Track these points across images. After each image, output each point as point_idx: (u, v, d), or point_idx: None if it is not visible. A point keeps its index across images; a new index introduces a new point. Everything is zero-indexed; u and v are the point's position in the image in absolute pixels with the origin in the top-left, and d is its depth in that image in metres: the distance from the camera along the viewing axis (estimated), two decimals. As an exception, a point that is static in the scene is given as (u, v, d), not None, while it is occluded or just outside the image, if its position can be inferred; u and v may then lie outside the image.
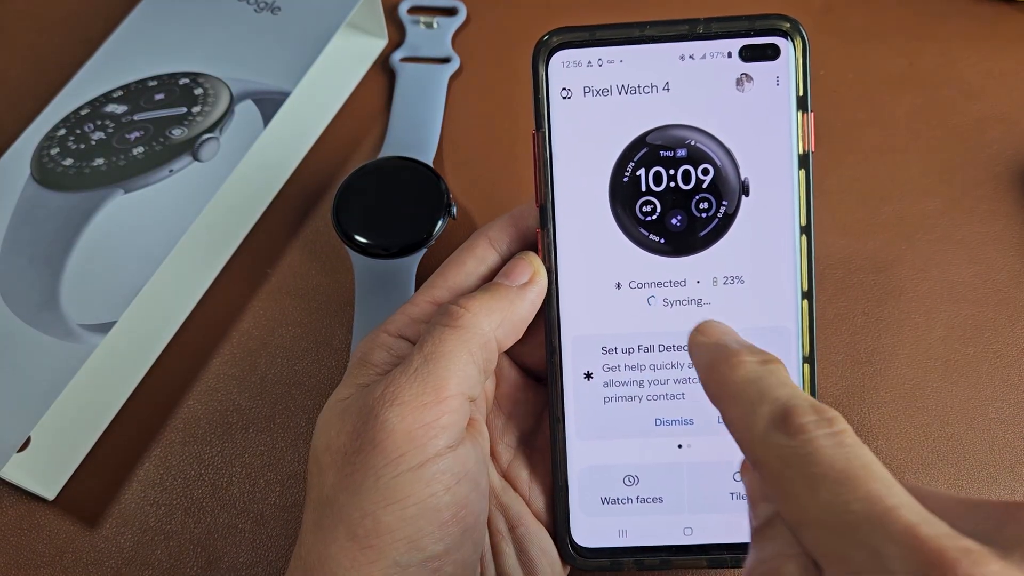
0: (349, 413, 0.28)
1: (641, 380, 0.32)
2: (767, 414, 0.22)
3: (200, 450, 0.39)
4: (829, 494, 0.20)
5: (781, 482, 0.21)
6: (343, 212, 0.41)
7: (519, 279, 0.31)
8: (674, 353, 0.32)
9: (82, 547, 0.37)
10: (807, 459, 0.20)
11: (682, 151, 0.31)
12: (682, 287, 0.31)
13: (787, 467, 0.21)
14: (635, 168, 0.31)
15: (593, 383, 0.32)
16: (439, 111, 0.46)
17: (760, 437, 0.22)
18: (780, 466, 0.21)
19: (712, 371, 0.24)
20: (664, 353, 0.32)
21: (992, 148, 0.44)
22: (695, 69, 0.30)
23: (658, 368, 0.31)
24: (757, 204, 0.31)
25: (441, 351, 0.28)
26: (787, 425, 0.21)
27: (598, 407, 0.32)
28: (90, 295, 0.39)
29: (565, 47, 0.31)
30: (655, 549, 0.32)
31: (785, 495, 0.21)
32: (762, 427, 0.22)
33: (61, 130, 0.43)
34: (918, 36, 0.48)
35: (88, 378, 0.39)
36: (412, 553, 0.27)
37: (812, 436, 0.21)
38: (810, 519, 0.20)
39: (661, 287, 0.31)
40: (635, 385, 0.32)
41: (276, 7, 0.46)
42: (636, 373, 0.32)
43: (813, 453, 0.20)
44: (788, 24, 0.30)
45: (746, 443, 0.22)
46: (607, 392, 0.32)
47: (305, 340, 0.41)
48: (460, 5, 0.50)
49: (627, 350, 0.32)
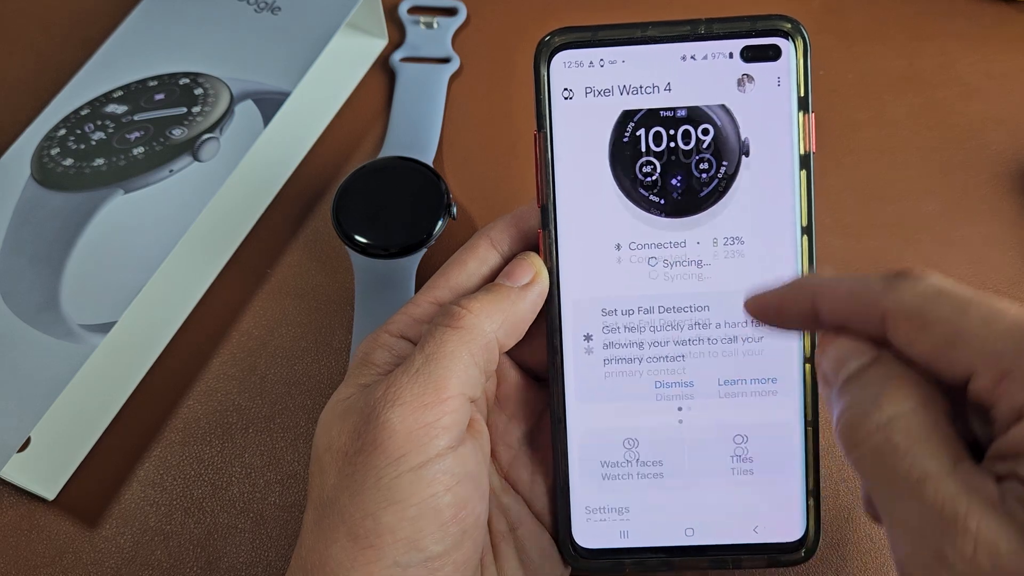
0: (350, 413, 0.28)
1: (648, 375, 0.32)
2: (879, 278, 0.23)
3: (200, 450, 0.39)
4: (977, 309, 0.22)
5: (921, 315, 0.22)
6: (343, 212, 0.41)
7: (521, 280, 0.31)
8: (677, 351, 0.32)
9: (82, 547, 0.37)
10: (943, 289, 0.22)
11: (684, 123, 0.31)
12: (686, 261, 0.32)
13: (925, 300, 0.22)
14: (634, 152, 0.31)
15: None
16: (439, 111, 0.46)
17: (881, 290, 0.23)
18: (920, 302, 0.22)
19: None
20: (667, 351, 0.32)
21: (992, 148, 0.44)
22: (696, 69, 0.30)
23: (663, 345, 0.32)
24: (759, 204, 0.31)
25: (442, 351, 0.28)
26: (904, 272, 0.23)
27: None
28: (90, 295, 0.39)
29: (567, 47, 0.31)
30: (656, 550, 0.32)
31: (927, 324, 0.22)
32: (880, 287, 0.23)
33: (61, 130, 0.43)
34: (918, 36, 0.48)
35: (88, 378, 0.39)
36: (412, 553, 0.27)
37: (931, 276, 0.23)
38: (969, 332, 0.21)
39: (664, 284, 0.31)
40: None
41: (276, 7, 0.46)
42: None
43: (944, 285, 0.22)
44: (789, 25, 0.30)
45: (869, 300, 0.23)
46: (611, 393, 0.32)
47: (305, 340, 0.41)
48: (460, 5, 0.50)
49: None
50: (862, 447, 0.22)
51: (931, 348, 0.22)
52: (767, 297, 0.26)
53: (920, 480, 0.21)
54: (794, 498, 0.31)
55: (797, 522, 0.32)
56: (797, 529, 0.32)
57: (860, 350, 0.24)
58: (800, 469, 0.31)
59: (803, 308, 0.25)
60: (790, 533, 0.32)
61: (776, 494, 0.32)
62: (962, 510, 0.20)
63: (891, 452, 0.21)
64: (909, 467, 0.21)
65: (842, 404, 0.23)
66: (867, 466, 0.22)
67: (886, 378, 0.23)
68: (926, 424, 0.22)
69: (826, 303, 0.24)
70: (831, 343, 0.24)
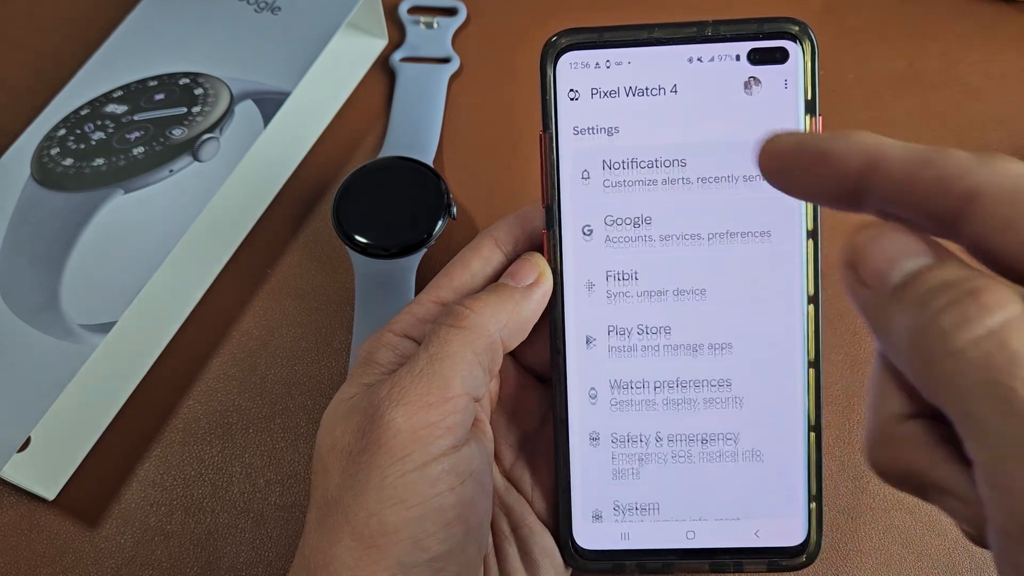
0: (354, 412, 0.28)
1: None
2: (964, 153, 0.19)
3: (200, 450, 0.39)
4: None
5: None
6: (343, 212, 0.41)
7: (525, 280, 0.31)
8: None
9: (82, 547, 0.37)
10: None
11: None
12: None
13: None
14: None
15: (599, 397, 0.32)
16: (439, 111, 0.46)
17: (973, 163, 0.18)
18: (1021, 184, 0.18)
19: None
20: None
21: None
22: (703, 72, 0.30)
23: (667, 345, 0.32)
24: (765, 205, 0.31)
25: (446, 351, 0.28)
26: (996, 155, 0.18)
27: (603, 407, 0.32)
28: (90, 295, 0.39)
29: (573, 48, 0.31)
30: (657, 552, 0.32)
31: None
32: (969, 159, 0.18)
33: (61, 130, 0.43)
34: (918, 37, 0.48)
35: (88, 378, 0.39)
36: (416, 553, 0.27)
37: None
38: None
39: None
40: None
41: (276, 7, 0.46)
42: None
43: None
44: (797, 27, 0.30)
45: (954, 171, 0.18)
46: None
47: (305, 340, 0.41)
48: (460, 5, 0.50)
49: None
50: (960, 359, 0.17)
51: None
52: (800, 142, 0.20)
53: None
54: (796, 503, 0.31)
55: (799, 527, 0.32)
56: (799, 534, 0.32)
57: (919, 247, 0.19)
58: (803, 474, 0.31)
59: (852, 167, 0.19)
60: (792, 538, 0.32)
61: (778, 498, 0.31)
62: None
63: (1008, 362, 0.16)
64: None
65: (906, 310, 0.18)
66: (964, 385, 0.17)
67: (972, 278, 0.18)
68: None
69: (892, 167, 0.19)
70: (875, 237, 0.19)
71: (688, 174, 0.31)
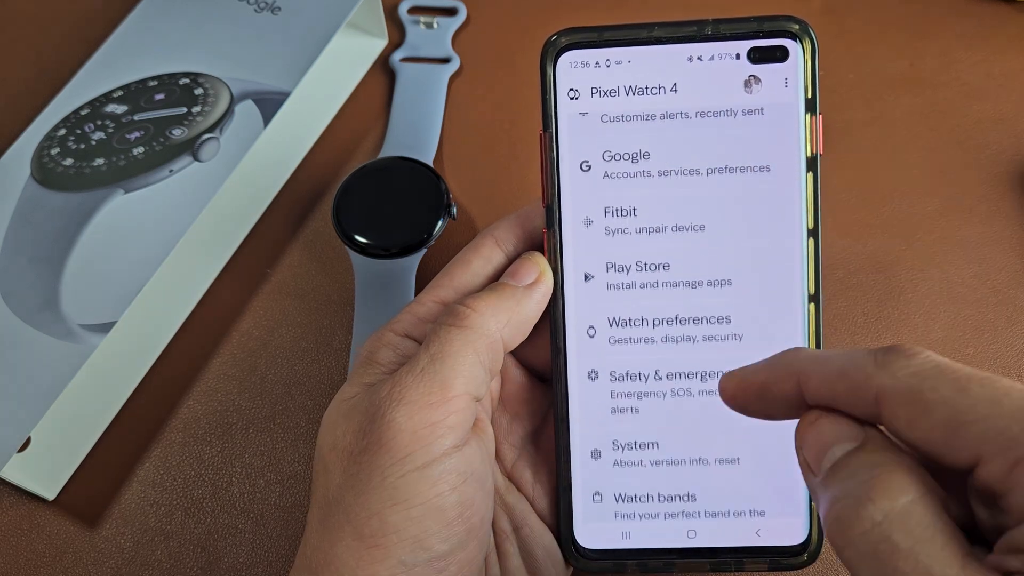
0: (355, 412, 0.28)
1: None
2: (869, 354, 0.22)
3: (200, 450, 0.39)
4: (981, 388, 0.20)
5: (920, 395, 0.20)
6: (343, 212, 0.41)
7: (525, 279, 0.31)
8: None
9: (82, 547, 0.37)
10: (941, 366, 0.21)
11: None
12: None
13: (923, 379, 0.21)
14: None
15: (598, 383, 0.32)
16: (439, 111, 0.46)
17: (874, 369, 0.21)
18: (917, 382, 0.21)
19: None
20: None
21: (992, 149, 0.44)
22: (703, 70, 0.30)
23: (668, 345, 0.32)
24: (766, 206, 0.31)
25: (447, 351, 0.28)
26: (895, 348, 0.21)
27: (604, 407, 0.32)
28: (90, 295, 0.38)
29: (573, 47, 0.31)
30: (659, 551, 0.32)
31: (927, 406, 0.20)
32: (872, 365, 0.21)
33: (61, 130, 0.43)
34: (918, 37, 0.48)
35: (88, 378, 0.39)
36: (418, 553, 0.27)
37: (924, 352, 0.21)
38: (974, 414, 0.20)
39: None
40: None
41: (276, 7, 0.46)
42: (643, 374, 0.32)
43: (941, 362, 0.21)
44: (797, 26, 0.30)
45: (860, 380, 0.22)
46: (613, 402, 0.32)
47: (305, 340, 0.41)
48: (460, 5, 0.50)
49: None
50: (856, 546, 0.20)
51: (932, 432, 0.20)
52: (746, 377, 0.24)
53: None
54: (798, 502, 0.31)
55: (800, 526, 0.32)
56: (800, 533, 0.32)
57: (845, 433, 0.22)
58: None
59: (788, 390, 0.23)
60: (793, 537, 0.32)
61: (780, 497, 0.31)
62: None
63: (890, 553, 0.19)
64: (912, 570, 0.19)
65: (829, 497, 0.21)
66: (862, 567, 0.20)
67: (877, 465, 0.21)
68: (927, 519, 0.19)
69: (813, 384, 0.23)
70: (812, 425, 0.22)
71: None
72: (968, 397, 0.20)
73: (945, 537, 0.19)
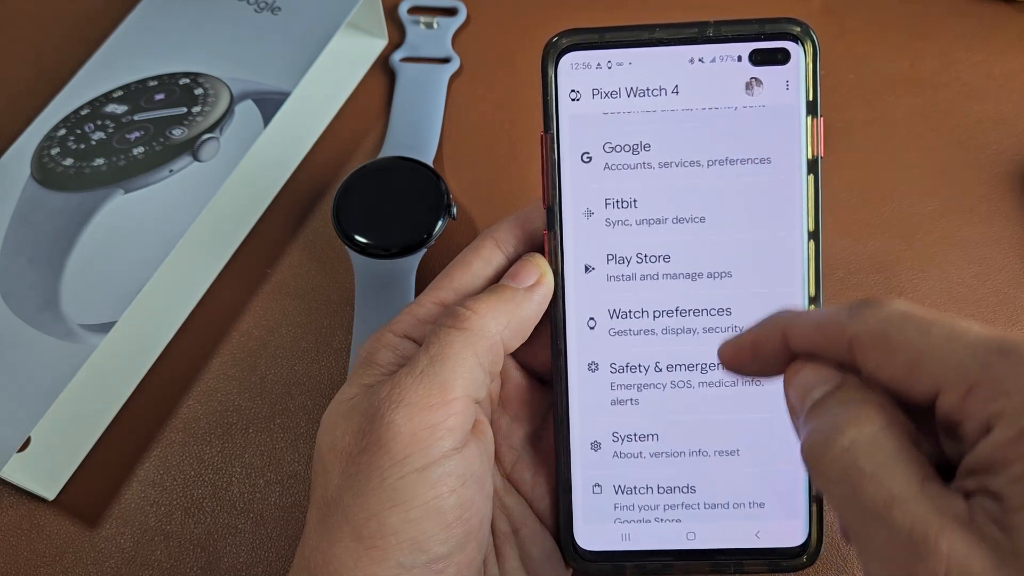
0: (354, 413, 0.28)
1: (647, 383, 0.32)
2: (845, 306, 0.24)
3: (200, 450, 0.39)
4: (940, 329, 0.22)
5: (887, 338, 0.22)
6: (343, 212, 0.41)
7: (526, 281, 0.31)
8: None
9: (82, 547, 0.37)
10: (907, 313, 0.22)
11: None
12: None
13: (889, 324, 0.22)
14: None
15: (598, 375, 0.32)
16: (439, 111, 0.46)
17: (847, 318, 0.23)
18: (884, 327, 0.22)
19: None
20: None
21: (992, 149, 0.44)
22: (704, 72, 0.30)
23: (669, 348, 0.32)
24: (767, 208, 0.31)
25: (447, 353, 0.28)
26: (869, 300, 0.23)
27: (604, 399, 0.32)
28: (90, 295, 0.39)
29: (574, 49, 0.31)
30: (658, 553, 0.32)
31: (893, 347, 0.22)
32: (846, 316, 0.23)
33: (61, 130, 0.43)
34: (918, 37, 0.48)
35: (88, 378, 0.39)
36: (416, 555, 0.27)
37: (893, 301, 0.23)
38: (933, 350, 0.22)
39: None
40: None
41: (276, 7, 0.46)
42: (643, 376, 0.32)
43: (908, 309, 0.23)
44: (799, 28, 0.30)
45: (836, 329, 0.23)
46: (613, 394, 0.32)
47: (305, 340, 0.41)
48: (460, 5, 0.50)
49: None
50: (827, 473, 0.22)
51: (897, 370, 0.22)
52: (739, 340, 0.26)
53: (887, 503, 0.20)
54: (797, 503, 0.31)
55: (800, 528, 0.32)
56: (800, 535, 0.32)
57: (825, 377, 0.24)
58: (804, 475, 0.31)
59: (776, 345, 0.25)
60: (792, 538, 0.32)
61: (779, 499, 0.31)
62: (932, 531, 0.19)
63: (856, 476, 0.21)
64: (875, 490, 0.21)
65: (808, 430, 0.23)
66: (834, 492, 0.22)
67: (849, 402, 0.23)
68: (890, 446, 0.21)
69: (796, 336, 0.24)
70: (796, 372, 0.24)
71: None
72: (929, 337, 0.22)
73: (906, 462, 0.21)
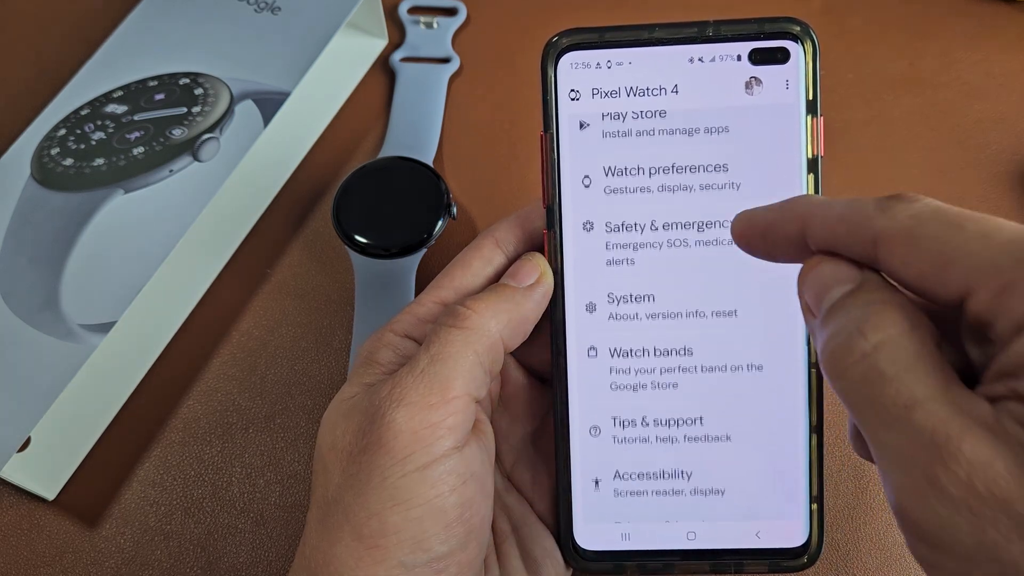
0: (355, 412, 0.28)
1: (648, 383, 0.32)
2: (873, 200, 0.22)
3: (200, 450, 0.39)
4: (974, 225, 0.21)
5: (915, 234, 0.21)
6: (343, 212, 0.41)
7: (526, 280, 0.31)
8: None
9: (82, 547, 0.37)
10: (939, 209, 0.21)
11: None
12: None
13: (920, 220, 0.21)
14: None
15: (597, 360, 0.32)
16: (439, 111, 0.46)
17: (874, 212, 0.22)
18: (913, 223, 0.21)
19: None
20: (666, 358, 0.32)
21: (992, 148, 0.44)
22: (704, 72, 0.30)
23: (668, 347, 0.32)
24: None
25: (447, 352, 0.28)
26: (898, 195, 0.22)
27: (604, 393, 0.32)
28: (90, 295, 0.38)
29: (574, 48, 0.31)
30: (658, 553, 0.32)
31: (922, 243, 0.21)
32: (873, 209, 0.22)
33: (61, 130, 0.43)
34: (918, 37, 0.48)
35: (88, 378, 0.39)
36: (417, 554, 0.27)
37: (925, 198, 0.22)
38: (965, 248, 0.20)
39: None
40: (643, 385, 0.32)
41: (276, 7, 0.46)
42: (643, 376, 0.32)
43: (940, 206, 0.21)
44: (798, 27, 0.30)
45: (861, 222, 0.22)
46: (613, 394, 0.32)
47: (305, 340, 0.41)
48: (460, 5, 0.50)
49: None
50: (847, 377, 0.21)
51: (925, 268, 0.21)
52: (754, 216, 0.25)
53: (908, 406, 0.20)
54: (797, 504, 0.31)
55: (800, 528, 0.31)
56: (800, 535, 0.31)
57: (844, 275, 0.23)
58: (804, 475, 0.31)
59: (791, 232, 0.24)
60: (793, 539, 0.32)
61: (779, 499, 0.31)
62: (954, 433, 0.19)
63: (878, 379, 0.20)
64: (896, 393, 0.20)
65: (826, 334, 0.22)
66: (853, 396, 0.21)
67: (870, 303, 0.22)
68: (913, 349, 0.20)
69: (816, 226, 0.23)
70: (813, 269, 0.23)
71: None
72: (961, 233, 0.21)
73: (930, 365, 0.20)
